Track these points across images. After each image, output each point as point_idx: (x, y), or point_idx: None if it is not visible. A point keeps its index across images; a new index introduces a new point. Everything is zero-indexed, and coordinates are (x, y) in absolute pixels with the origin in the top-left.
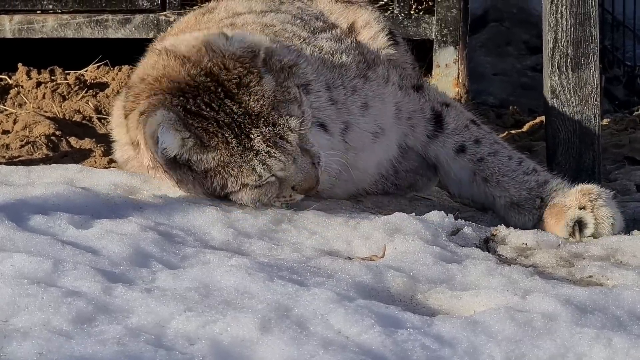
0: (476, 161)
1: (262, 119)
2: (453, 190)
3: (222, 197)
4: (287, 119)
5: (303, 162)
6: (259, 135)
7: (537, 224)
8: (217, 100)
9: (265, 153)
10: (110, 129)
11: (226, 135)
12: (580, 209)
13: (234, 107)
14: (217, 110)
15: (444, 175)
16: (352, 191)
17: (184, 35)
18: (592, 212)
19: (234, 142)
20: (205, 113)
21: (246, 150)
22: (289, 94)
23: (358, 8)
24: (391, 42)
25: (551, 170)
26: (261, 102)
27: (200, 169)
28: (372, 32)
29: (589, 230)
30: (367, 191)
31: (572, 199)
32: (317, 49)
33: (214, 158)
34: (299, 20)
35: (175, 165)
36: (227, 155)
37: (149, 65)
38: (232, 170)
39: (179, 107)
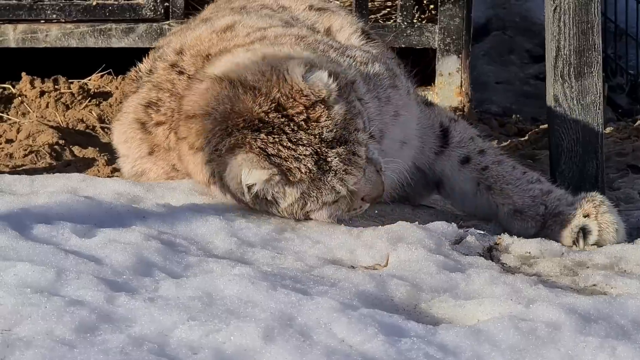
0: (480, 170)
1: (336, 141)
2: (456, 205)
3: (300, 219)
4: (355, 134)
5: (370, 172)
6: (335, 157)
7: (540, 231)
8: (293, 136)
9: (343, 171)
10: (114, 143)
11: (307, 164)
12: (585, 216)
13: (310, 138)
14: (295, 148)
15: (448, 192)
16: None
17: (234, 56)
18: (595, 219)
19: (314, 169)
20: (283, 153)
21: (325, 172)
22: (355, 109)
23: (331, 14)
24: (364, 40)
25: (554, 179)
26: (334, 128)
27: (284, 199)
28: (346, 34)
29: (592, 238)
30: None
31: (576, 207)
32: (351, 60)
33: (298, 188)
34: (311, 31)
35: (259, 199)
36: (308, 182)
37: (211, 96)
38: (312, 192)
39: (257, 148)
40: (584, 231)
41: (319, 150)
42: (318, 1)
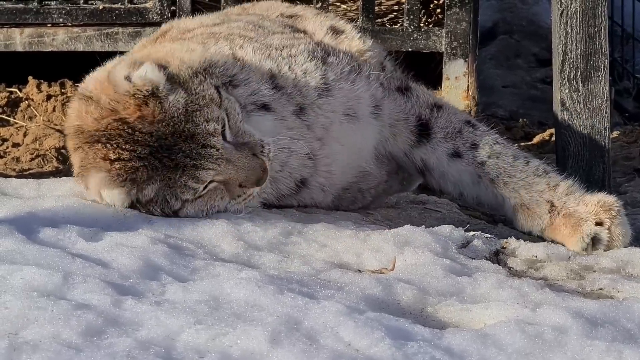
0: (477, 165)
1: (177, 136)
2: (451, 190)
3: (172, 216)
4: (205, 126)
5: (241, 157)
6: (179, 153)
7: (546, 228)
8: (129, 138)
9: (192, 167)
10: None
11: (151, 163)
12: (597, 224)
13: (147, 137)
14: (133, 149)
15: (438, 179)
16: (346, 168)
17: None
18: (608, 230)
19: (159, 167)
20: (125, 155)
21: (172, 170)
22: (204, 99)
23: (303, 20)
24: (332, 33)
25: (572, 179)
26: (171, 123)
27: (147, 200)
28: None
29: (601, 246)
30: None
31: (589, 211)
32: (254, 42)
33: (152, 189)
34: (251, 25)
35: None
36: (160, 181)
37: (73, 113)
38: (169, 191)
39: (102, 160)
40: (593, 239)
41: (159, 147)
42: (286, 8)
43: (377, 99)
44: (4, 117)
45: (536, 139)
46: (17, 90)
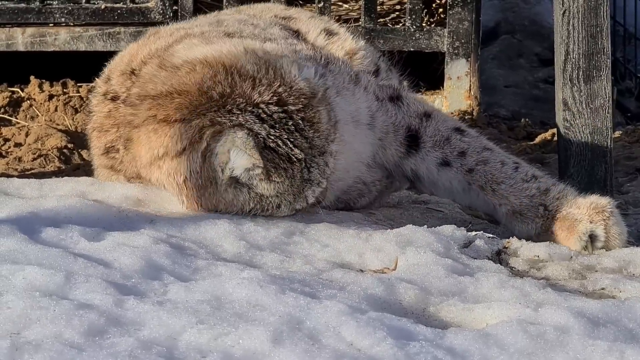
0: (466, 172)
1: (318, 151)
2: (443, 197)
3: (265, 215)
4: (330, 145)
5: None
6: (316, 168)
7: (542, 234)
8: (291, 136)
9: (317, 183)
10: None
11: (294, 170)
12: (591, 222)
13: (304, 143)
14: (292, 147)
15: (428, 186)
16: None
17: (209, 44)
18: (604, 227)
19: (297, 176)
20: (280, 149)
21: (305, 181)
22: (331, 119)
23: (297, 21)
24: (325, 34)
25: (563, 182)
26: (321, 136)
27: (256, 193)
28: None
29: (600, 243)
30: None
31: (582, 212)
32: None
33: (274, 188)
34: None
35: (230, 185)
36: (287, 186)
37: (204, 76)
38: (286, 198)
39: (258, 136)
40: (591, 236)
41: (307, 158)
42: (281, 10)
43: (372, 110)
44: (6, 117)
45: (538, 139)
46: (19, 90)
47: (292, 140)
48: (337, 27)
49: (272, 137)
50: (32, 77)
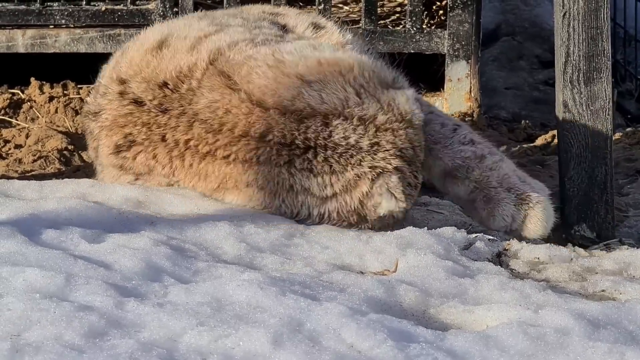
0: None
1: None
2: None
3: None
4: None
5: None
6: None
7: (471, 204)
8: (415, 167)
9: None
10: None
11: (416, 194)
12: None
13: (419, 176)
14: (417, 176)
15: None
16: None
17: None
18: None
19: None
20: (411, 181)
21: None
22: None
23: (285, 17)
24: (313, 28)
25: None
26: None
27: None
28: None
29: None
30: None
31: (511, 194)
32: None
33: (403, 212)
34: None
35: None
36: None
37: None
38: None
39: (404, 176)
40: (513, 218)
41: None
42: (270, 7)
43: None
44: (6, 118)
45: (539, 141)
46: (19, 91)
47: (417, 171)
48: (324, 20)
49: (409, 173)
50: (32, 79)
